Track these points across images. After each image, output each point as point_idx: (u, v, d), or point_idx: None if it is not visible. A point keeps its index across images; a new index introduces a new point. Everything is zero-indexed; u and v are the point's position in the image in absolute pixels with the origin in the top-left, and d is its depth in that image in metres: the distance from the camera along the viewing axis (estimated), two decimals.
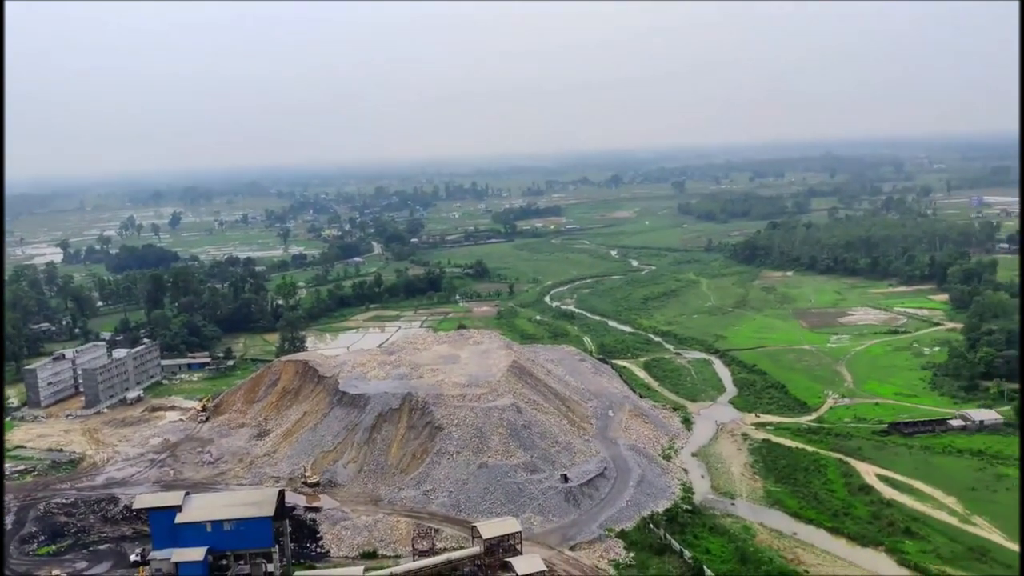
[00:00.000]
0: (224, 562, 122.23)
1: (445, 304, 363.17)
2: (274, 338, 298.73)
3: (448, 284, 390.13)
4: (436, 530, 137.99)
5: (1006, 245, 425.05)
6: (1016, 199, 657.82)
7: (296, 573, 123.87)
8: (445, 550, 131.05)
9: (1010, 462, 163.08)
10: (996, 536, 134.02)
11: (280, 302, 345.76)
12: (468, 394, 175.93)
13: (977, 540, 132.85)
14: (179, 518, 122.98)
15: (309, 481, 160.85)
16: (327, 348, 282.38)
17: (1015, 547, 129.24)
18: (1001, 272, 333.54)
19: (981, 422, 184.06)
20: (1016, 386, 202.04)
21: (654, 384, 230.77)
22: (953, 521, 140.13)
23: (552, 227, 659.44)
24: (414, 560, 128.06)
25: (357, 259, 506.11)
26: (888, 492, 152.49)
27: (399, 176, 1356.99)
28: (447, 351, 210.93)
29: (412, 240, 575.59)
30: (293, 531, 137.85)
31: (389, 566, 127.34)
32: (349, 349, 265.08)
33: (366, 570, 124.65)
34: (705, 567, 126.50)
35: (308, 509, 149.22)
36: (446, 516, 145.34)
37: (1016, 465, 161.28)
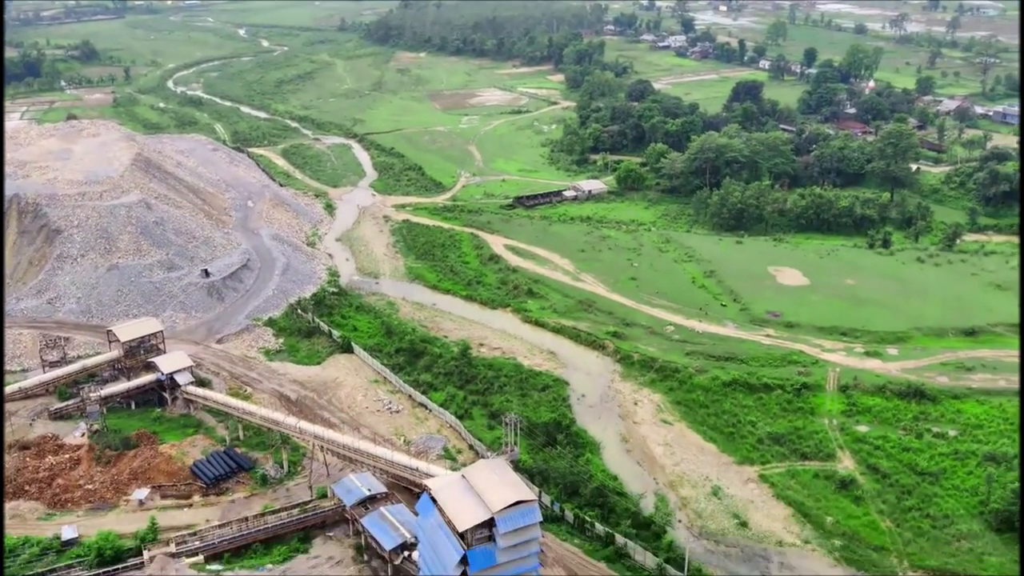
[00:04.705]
0: None
1: (49, 92, 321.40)
2: None
3: (50, 69, 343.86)
4: (66, 339, 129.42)
5: (612, 27, 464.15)
6: None
7: None
8: (80, 358, 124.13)
9: (611, 225, 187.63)
10: (600, 289, 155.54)
11: None
12: (88, 192, 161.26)
13: (585, 294, 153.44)
14: None
15: None
16: None
17: (615, 297, 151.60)
18: (608, 53, 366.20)
19: (589, 192, 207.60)
20: (618, 158, 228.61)
21: (294, 172, 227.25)
22: (567, 280, 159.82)
23: (170, 1, 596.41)
24: (44, 372, 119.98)
25: None
26: (514, 260, 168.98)
27: None
28: (57, 145, 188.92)
29: None
30: None
31: (16, 381, 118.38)
32: None
33: None
34: (353, 343, 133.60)
35: None
36: (77, 323, 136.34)
37: (616, 227, 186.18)
